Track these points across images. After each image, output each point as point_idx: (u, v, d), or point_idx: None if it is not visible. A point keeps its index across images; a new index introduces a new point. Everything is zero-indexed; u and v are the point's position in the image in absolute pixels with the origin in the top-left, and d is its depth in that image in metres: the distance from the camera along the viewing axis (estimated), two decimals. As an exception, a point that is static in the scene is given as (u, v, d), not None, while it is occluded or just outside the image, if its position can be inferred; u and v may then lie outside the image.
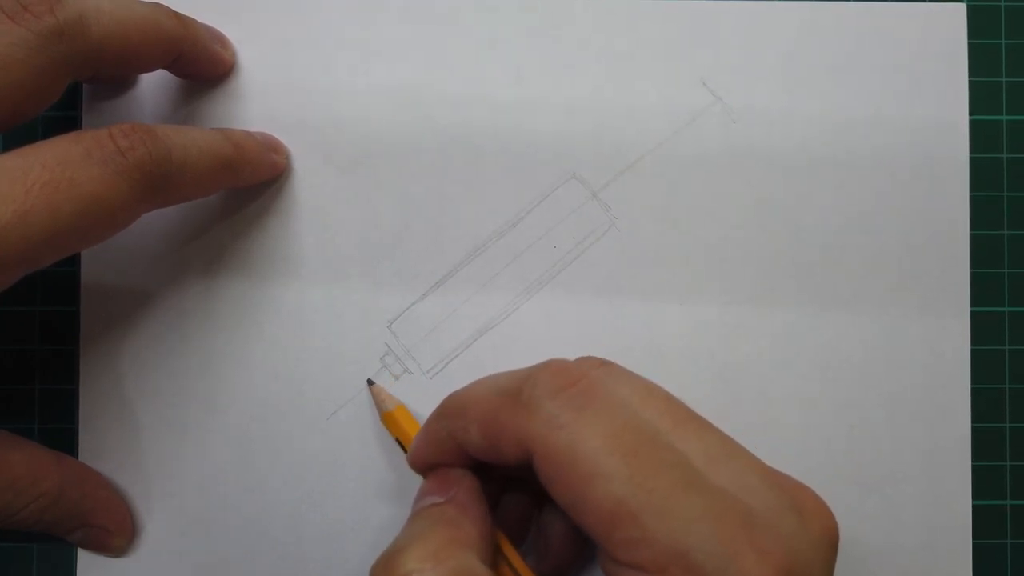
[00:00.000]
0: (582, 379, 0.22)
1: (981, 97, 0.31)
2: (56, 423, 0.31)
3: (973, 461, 0.31)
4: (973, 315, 0.31)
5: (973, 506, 0.30)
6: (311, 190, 0.31)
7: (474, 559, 0.22)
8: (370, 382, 0.30)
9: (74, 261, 0.31)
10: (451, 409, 0.25)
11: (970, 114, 0.31)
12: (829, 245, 0.31)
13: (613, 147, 0.31)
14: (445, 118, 0.31)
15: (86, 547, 0.30)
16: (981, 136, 0.31)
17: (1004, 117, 0.31)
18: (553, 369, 0.23)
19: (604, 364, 0.24)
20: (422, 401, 0.30)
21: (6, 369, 0.31)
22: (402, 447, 0.28)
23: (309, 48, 0.31)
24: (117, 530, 0.29)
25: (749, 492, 0.21)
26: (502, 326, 0.31)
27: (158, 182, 0.25)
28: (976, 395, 0.31)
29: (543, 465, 0.21)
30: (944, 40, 0.31)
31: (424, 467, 0.26)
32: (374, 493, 0.30)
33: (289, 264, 0.31)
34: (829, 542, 0.22)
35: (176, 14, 0.28)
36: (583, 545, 0.27)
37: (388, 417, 0.29)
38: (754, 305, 0.31)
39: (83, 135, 0.24)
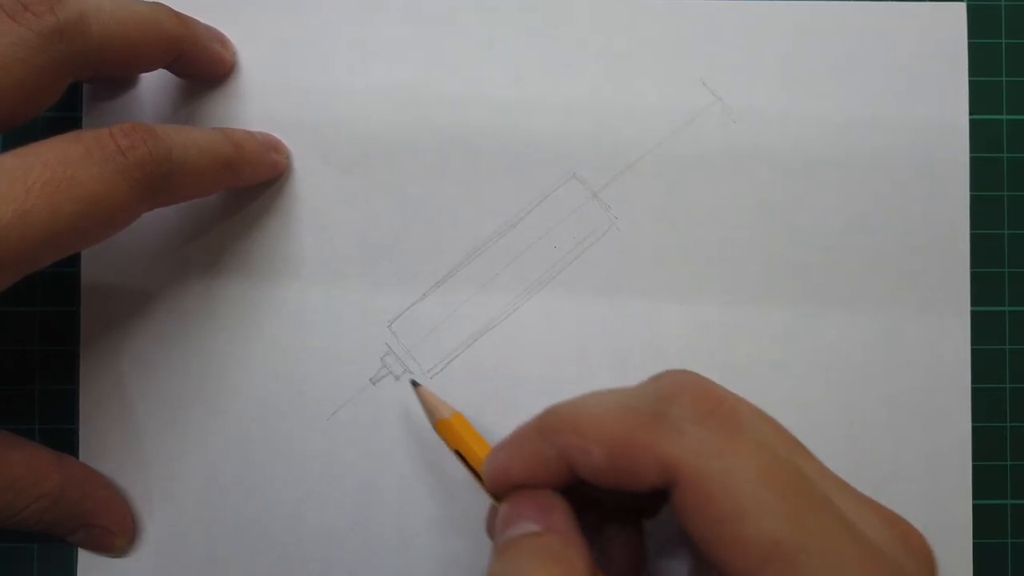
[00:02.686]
0: (724, 403, 0.21)
1: (981, 97, 0.31)
2: (56, 423, 0.31)
3: (973, 461, 0.31)
4: (973, 315, 0.31)
5: (973, 506, 0.30)
6: (311, 190, 0.31)
7: None
8: (415, 383, 0.29)
9: (74, 261, 0.31)
10: (562, 425, 0.22)
11: (970, 114, 0.31)
12: (829, 245, 0.31)
13: (613, 147, 0.31)
14: (445, 118, 0.31)
15: (87, 547, 0.30)
16: (981, 136, 0.31)
17: (1004, 117, 0.31)
18: (694, 389, 0.21)
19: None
20: (422, 401, 0.30)
21: (6, 369, 0.31)
22: (461, 459, 0.26)
23: (309, 48, 0.31)
24: (118, 530, 0.29)
25: (896, 553, 0.20)
26: (502, 326, 0.31)
27: (158, 181, 0.25)
28: (976, 395, 0.31)
29: (688, 494, 0.20)
30: (944, 40, 0.31)
31: (508, 487, 0.23)
32: (374, 493, 0.30)
33: (289, 264, 0.31)
34: None
35: (176, 14, 0.28)
36: (644, 569, 0.26)
37: (444, 425, 0.27)
38: (754, 305, 0.31)
39: (83, 134, 0.24)
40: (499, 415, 0.30)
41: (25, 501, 0.27)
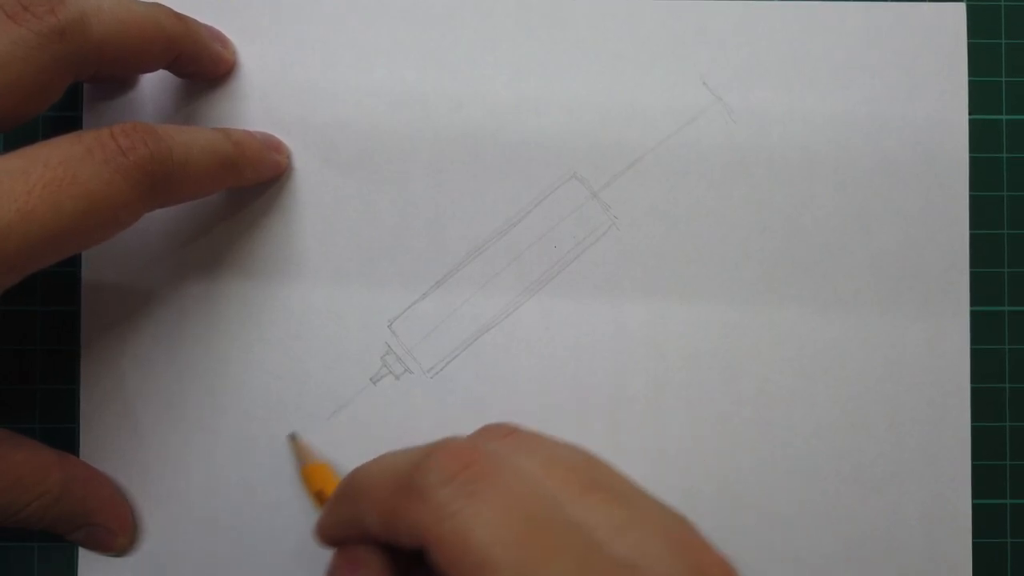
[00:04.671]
0: (476, 461, 0.21)
1: (981, 97, 0.31)
2: (57, 423, 0.31)
3: (973, 461, 0.31)
4: (973, 315, 0.31)
5: (973, 506, 0.31)
6: (311, 190, 0.31)
7: None
8: (292, 437, 0.30)
9: (75, 261, 0.31)
10: (350, 493, 0.24)
11: (970, 114, 0.31)
12: (829, 245, 0.31)
13: (613, 147, 0.31)
14: (445, 118, 0.31)
15: (88, 546, 0.30)
16: (981, 136, 0.31)
17: (1004, 117, 0.31)
18: (445, 452, 0.22)
19: (510, 434, 0.23)
20: (422, 401, 0.30)
21: (6, 369, 0.31)
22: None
23: (309, 48, 0.31)
24: (119, 529, 0.29)
25: (653, 560, 0.20)
26: (502, 326, 0.31)
27: (160, 181, 0.25)
28: (976, 395, 0.31)
29: (434, 556, 0.20)
30: (944, 40, 0.31)
31: (331, 544, 0.25)
32: (374, 493, 0.30)
33: (290, 264, 0.31)
34: None
35: (176, 14, 0.28)
36: None
37: (306, 472, 0.29)
38: (754, 305, 0.31)
39: (84, 135, 0.24)
40: (499, 415, 0.30)
41: (27, 499, 0.27)
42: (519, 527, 0.20)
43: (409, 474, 0.21)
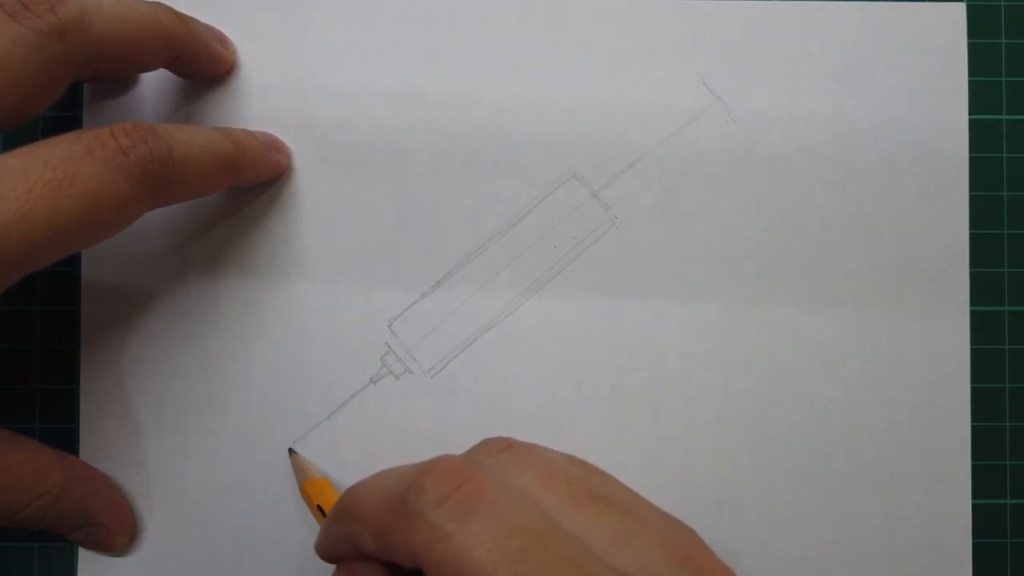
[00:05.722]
0: (469, 480, 0.21)
1: (981, 97, 0.31)
2: (57, 423, 0.31)
3: (973, 461, 0.31)
4: (973, 315, 0.31)
5: (973, 506, 0.30)
6: (311, 190, 0.31)
7: None
8: (291, 451, 0.30)
9: (74, 261, 0.31)
10: (346, 512, 0.24)
11: (970, 114, 0.31)
12: (829, 245, 0.31)
13: (613, 147, 0.31)
14: (445, 118, 0.31)
15: (87, 546, 0.30)
16: (981, 136, 0.31)
17: (1004, 117, 0.31)
18: (437, 472, 0.21)
19: (507, 448, 0.23)
20: (422, 401, 0.30)
21: (6, 369, 0.31)
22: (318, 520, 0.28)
23: (309, 48, 0.31)
24: (119, 529, 0.29)
25: (652, 572, 0.21)
26: (502, 326, 0.31)
27: (160, 180, 0.25)
28: (976, 395, 0.31)
29: None
30: (944, 40, 0.31)
31: (331, 561, 0.25)
32: (374, 493, 0.30)
33: (290, 264, 0.31)
34: None
35: (177, 13, 0.28)
36: None
37: (306, 488, 0.29)
38: (754, 305, 0.31)
39: (84, 134, 0.24)
40: (499, 415, 0.30)
41: (27, 499, 0.27)
42: (514, 544, 0.20)
43: (402, 495, 0.21)
